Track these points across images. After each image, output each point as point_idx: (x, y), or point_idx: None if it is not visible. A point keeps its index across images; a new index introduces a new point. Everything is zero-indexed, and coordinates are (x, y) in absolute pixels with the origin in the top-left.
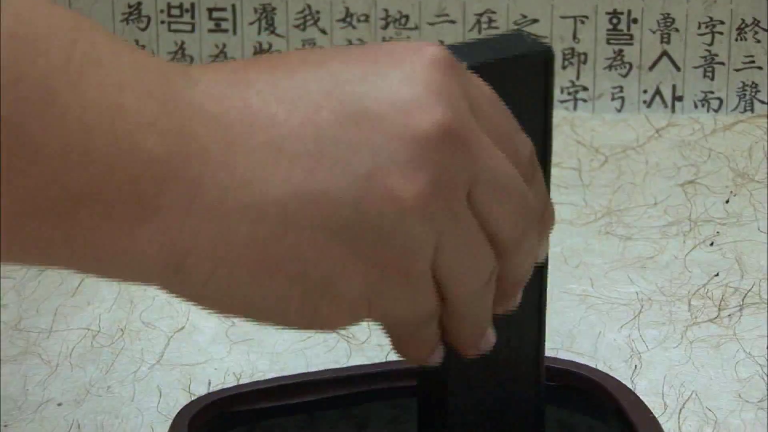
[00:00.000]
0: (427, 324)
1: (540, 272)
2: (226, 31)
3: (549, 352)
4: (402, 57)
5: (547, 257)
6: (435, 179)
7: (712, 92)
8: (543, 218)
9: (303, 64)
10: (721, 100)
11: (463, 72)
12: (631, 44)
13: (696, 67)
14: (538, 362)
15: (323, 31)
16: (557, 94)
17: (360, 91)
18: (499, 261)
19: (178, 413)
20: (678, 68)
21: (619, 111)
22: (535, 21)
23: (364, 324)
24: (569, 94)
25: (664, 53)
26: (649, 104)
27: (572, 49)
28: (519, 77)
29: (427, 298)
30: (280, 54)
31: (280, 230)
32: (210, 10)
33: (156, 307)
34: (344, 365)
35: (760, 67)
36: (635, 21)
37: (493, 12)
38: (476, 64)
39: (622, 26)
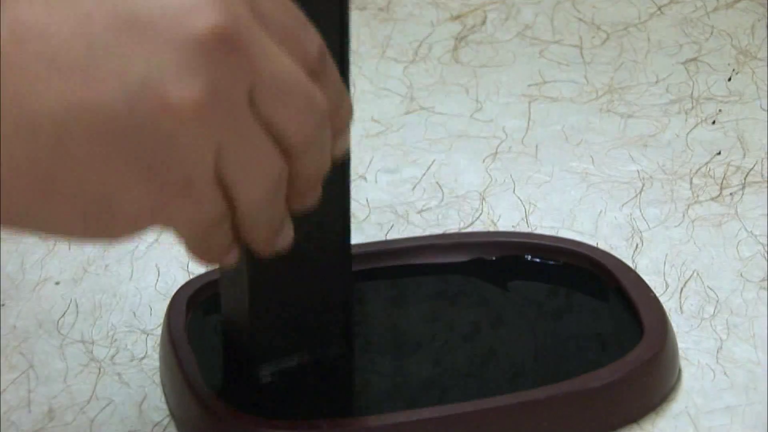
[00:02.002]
0: (218, 227)
1: (342, 165)
2: None
3: (549, 231)
4: None
5: (348, 150)
6: (211, 85)
7: None
8: (338, 115)
9: None
10: None
11: None
12: None
13: None
14: (345, 253)
15: None
16: None
17: None
18: (288, 162)
19: (177, 292)
20: None
21: None
22: None
23: (363, 202)
24: None
25: None
26: None
27: None
28: None
29: (212, 204)
30: None
31: (54, 146)
32: None
33: None
34: None
35: None
36: None
37: None
38: None
39: None
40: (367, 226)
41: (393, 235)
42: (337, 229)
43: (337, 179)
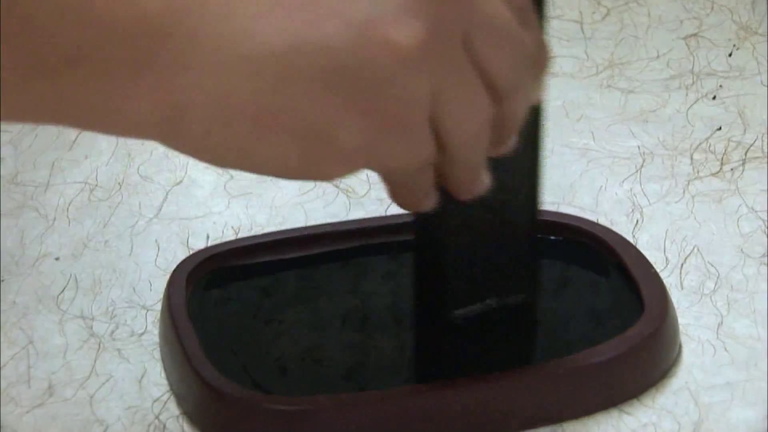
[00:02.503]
0: (424, 170)
1: (536, 114)
2: None
3: (550, 207)
4: None
5: (542, 99)
6: (432, 27)
7: None
8: (537, 60)
9: None
10: None
11: None
12: None
13: None
14: (533, 205)
15: None
16: None
17: None
18: (495, 105)
19: (176, 267)
20: None
21: None
22: None
23: (364, 177)
24: None
25: None
26: None
27: None
28: None
29: (424, 146)
30: None
31: (278, 82)
32: None
33: (154, 161)
34: (343, 219)
35: None
36: None
37: None
38: None
39: None
40: (368, 202)
41: (393, 211)
42: (527, 178)
43: (531, 127)
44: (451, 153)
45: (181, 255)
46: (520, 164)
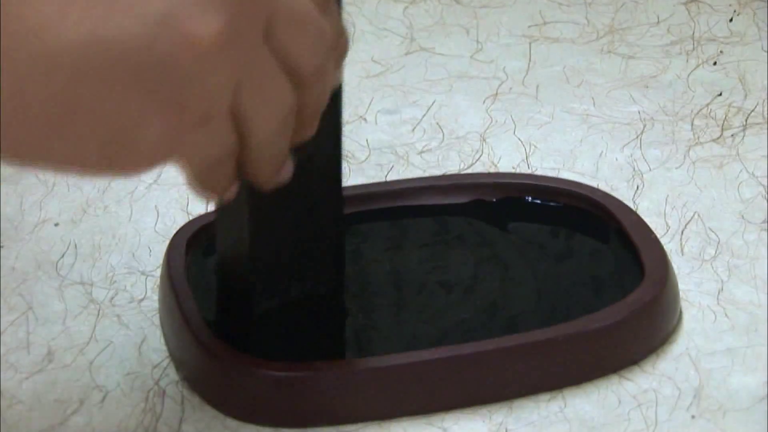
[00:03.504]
0: (225, 162)
1: (335, 96)
2: None
3: (550, 172)
4: None
5: (341, 83)
6: (230, 19)
7: None
8: (338, 46)
9: None
10: None
11: None
12: None
13: None
14: (336, 186)
15: None
16: None
17: None
18: (298, 93)
19: (176, 233)
20: None
21: None
22: None
23: (364, 143)
24: None
25: None
26: None
27: None
28: None
29: (225, 138)
30: None
31: (74, 79)
32: None
33: None
34: (343, 185)
35: None
36: None
37: None
38: None
39: None
40: (368, 167)
41: (393, 176)
42: (329, 163)
43: (330, 113)
44: (254, 143)
45: (181, 221)
46: (323, 150)
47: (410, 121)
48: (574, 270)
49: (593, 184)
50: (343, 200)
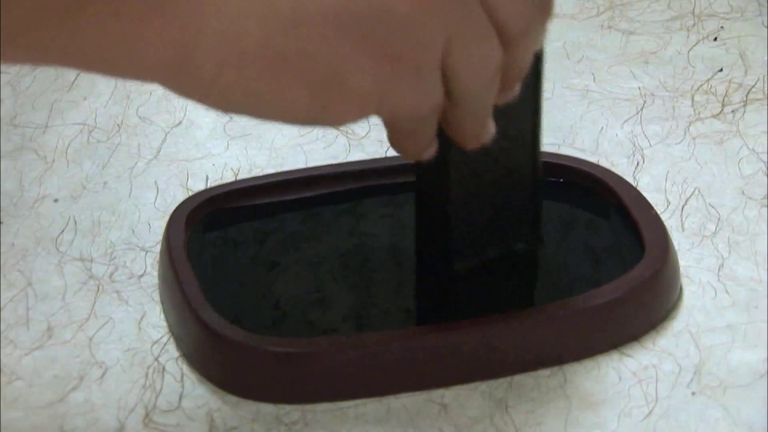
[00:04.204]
0: (430, 118)
1: (537, 60)
2: None
3: (550, 148)
4: None
5: (543, 46)
6: None
7: None
8: (543, 5)
9: None
10: None
11: None
12: None
13: None
14: (534, 151)
15: None
16: None
17: None
18: (505, 52)
19: (176, 209)
20: None
21: None
22: None
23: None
24: None
25: None
26: None
27: None
28: None
29: (435, 92)
30: None
31: (290, 25)
32: None
33: (153, 102)
34: (343, 161)
35: None
36: None
37: None
38: None
39: None
40: (367, 143)
41: (393, 153)
42: (528, 125)
43: (532, 73)
44: (459, 100)
45: (181, 197)
46: (523, 112)
47: None
48: (575, 246)
49: (593, 160)
50: (541, 163)
